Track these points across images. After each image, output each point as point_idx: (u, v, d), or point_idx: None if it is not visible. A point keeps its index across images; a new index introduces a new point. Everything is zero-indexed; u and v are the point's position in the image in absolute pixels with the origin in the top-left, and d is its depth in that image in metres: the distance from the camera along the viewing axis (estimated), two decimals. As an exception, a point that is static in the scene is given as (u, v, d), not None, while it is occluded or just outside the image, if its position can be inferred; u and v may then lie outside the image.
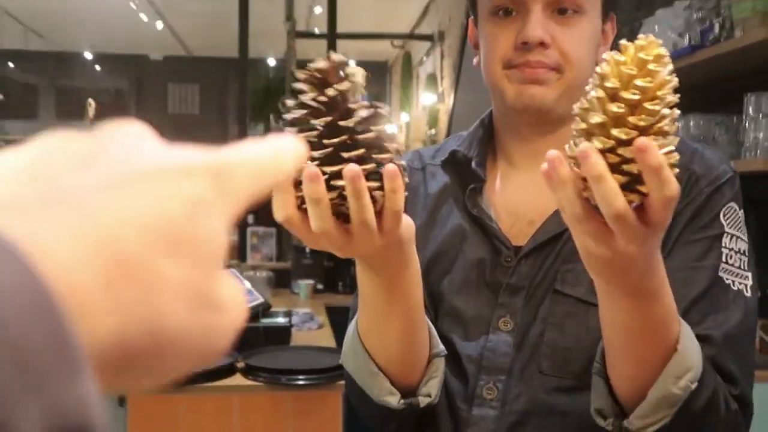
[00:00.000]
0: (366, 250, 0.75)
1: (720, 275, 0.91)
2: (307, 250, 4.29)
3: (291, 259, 4.55)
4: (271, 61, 9.95)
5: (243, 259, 4.80)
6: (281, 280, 4.36)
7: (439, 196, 1.07)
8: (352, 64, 0.71)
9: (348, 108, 0.68)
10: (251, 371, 2.04)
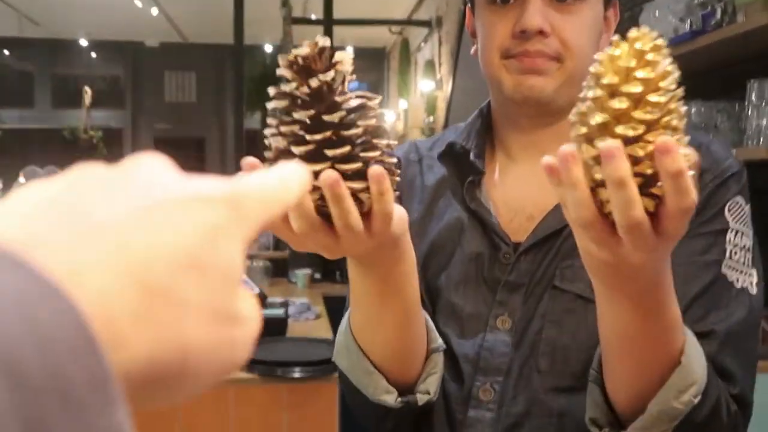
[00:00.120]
0: (355, 251, 0.72)
1: (723, 272, 0.88)
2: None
3: (288, 249, 4.53)
4: (268, 48, 9.89)
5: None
6: (278, 269, 4.34)
7: (437, 188, 1.04)
8: (349, 50, 0.67)
9: (334, 101, 0.63)
10: (246, 363, 2.02)
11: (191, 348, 0.27)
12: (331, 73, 0.62)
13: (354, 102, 0.64)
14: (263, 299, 2.69)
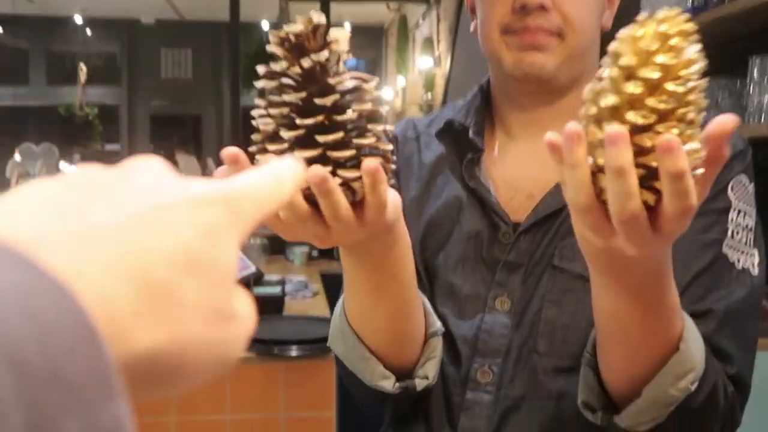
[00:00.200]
0: (347, 241, 0.70)
1: (724, 251, 0.86)
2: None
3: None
4: (265, 25, 9.81)
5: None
6: (276, 246, 4.32)
7: (435, 166, 1.03)
8: (346, 27, 0.63)
9: (327, 83, 0.59)
10: (243, 343, 2.01)
11: (189, 345, 0.28)
12: (325, 53, 0.58)
13: (348, 84, 0.60)
14: (260, 277, 2.68)
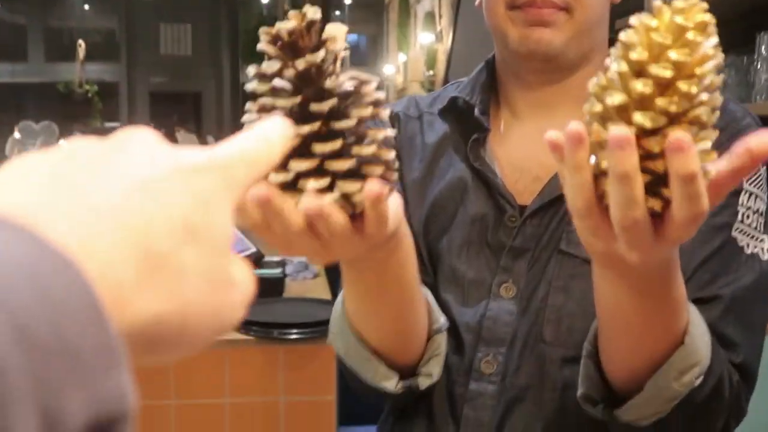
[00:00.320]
0: (346, 255, 0.66)
1: (734, 235, 0.84)
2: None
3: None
4: None
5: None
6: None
7: (438, 146, 0.99)
8: (341, 27, 0.56)
9: (323, 86, 0.54)
10: (242, 325, 1.98)
11: (189, 311, 0.29)
12: (321, 53, 0.53)
13: (347, 86, 0.55)
14: (260, 258, 2.65)
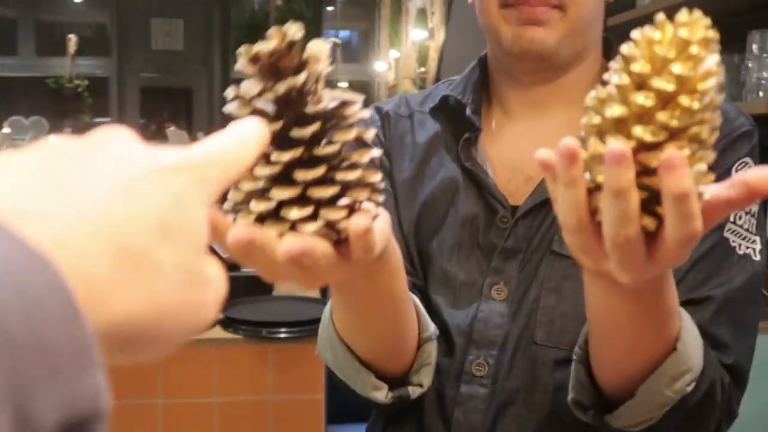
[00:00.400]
0: (332, 280, 0.65)
1: (726, 236, 0.83)
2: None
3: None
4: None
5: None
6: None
7: (429, 146, 0.97)
8: (324, 43, 0.51)
9: (305, 111, 0.51)
10: (231, 324, 1.96)
11: (165, 309, 0.29)
12: (303, 76, 0.50)
13: (330, 107, 0.52)
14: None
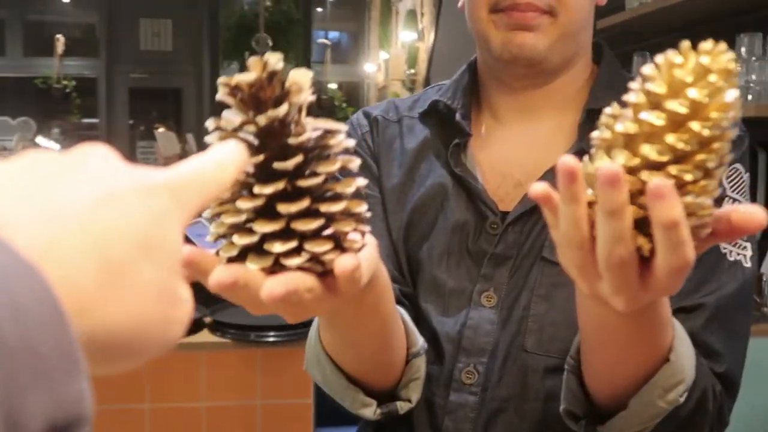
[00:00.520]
0: (318, 312, 0.64)
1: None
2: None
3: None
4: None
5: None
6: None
7: (418, 152, 0.96)
8: (306, 72, 0.50)
9: (287, 142, 0.50)
10: (219, 327, 1.95)
11: (141, 323, 0.30)
12: (284, 108, 0.49)
13: (313, 138, 0.51)
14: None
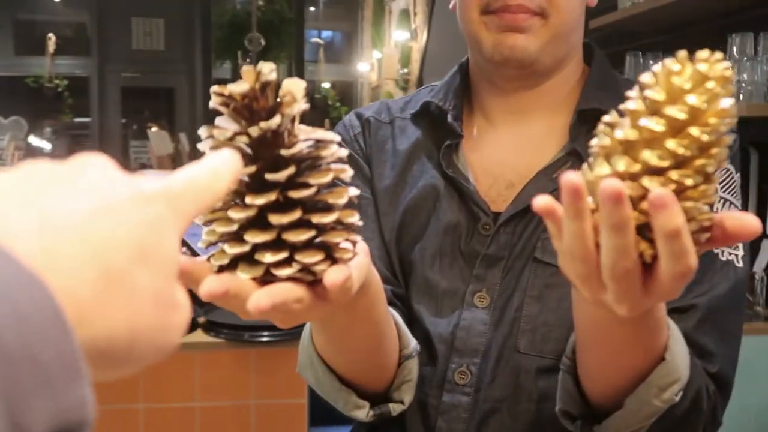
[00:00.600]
0: (310, 319, 0.65)
1: None
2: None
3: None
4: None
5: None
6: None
7: (410, 153, 0.97)
8: (300, 82, 0.50)
9: (279, 153, 0.50)
10: (213, 327, 1.95)
11: (139, 330, 0.31)
12: (277, 119, 0.49)
13: (305, 149, 0.51)
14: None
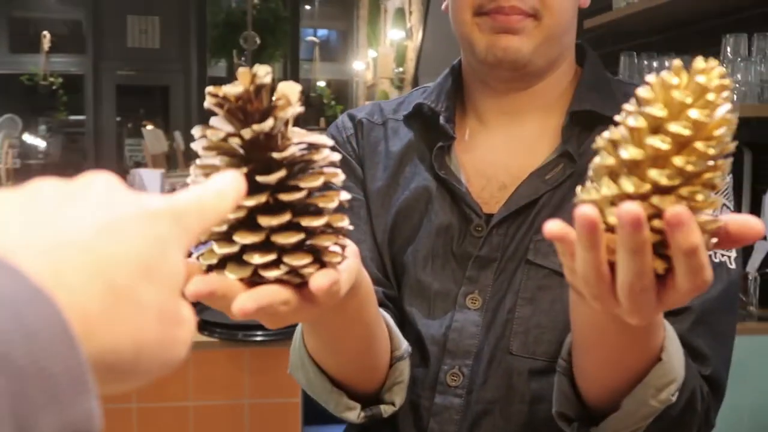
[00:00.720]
0: (299, 320, 0.65)
1: None
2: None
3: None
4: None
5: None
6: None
7: (403, 155, 0.97)
8: (295, 86, 0.51)
9: (271, 157, 0.50)
10: (206, 327, 1.95)
11: (144, 344, 0.31)
12: (270, 122, 0.49)
13: (297, 153, 0.51)
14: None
